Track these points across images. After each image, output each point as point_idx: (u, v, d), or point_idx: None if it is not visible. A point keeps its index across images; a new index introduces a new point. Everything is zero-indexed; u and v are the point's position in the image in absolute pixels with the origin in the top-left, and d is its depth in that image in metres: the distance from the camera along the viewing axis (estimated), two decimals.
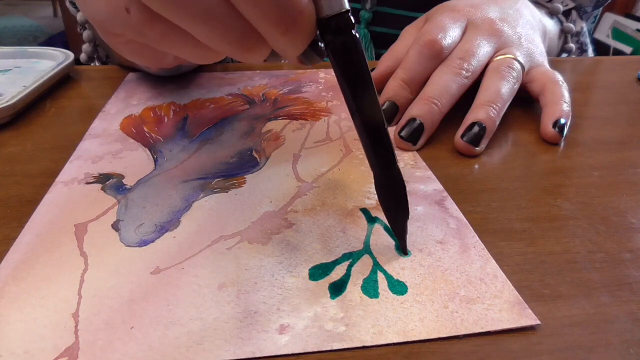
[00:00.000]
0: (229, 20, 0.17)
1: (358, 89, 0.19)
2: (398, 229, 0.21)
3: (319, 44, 0.19)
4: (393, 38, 0.40)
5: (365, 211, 0.24)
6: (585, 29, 0.55)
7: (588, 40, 0.57)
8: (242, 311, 0.18)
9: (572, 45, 0.52)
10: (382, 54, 0.39)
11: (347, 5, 0.18)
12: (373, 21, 0.51)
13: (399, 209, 0.21)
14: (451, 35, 0.34)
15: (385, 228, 0.23)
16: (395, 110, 0.33)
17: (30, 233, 0.22)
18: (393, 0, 0.50)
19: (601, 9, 0.57)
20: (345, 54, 0.18)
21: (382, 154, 0.20)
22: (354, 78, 0.19)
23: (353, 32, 0.18)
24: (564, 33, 0.52)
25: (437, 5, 0.38)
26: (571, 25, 0.52)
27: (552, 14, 0.51)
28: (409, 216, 0.21)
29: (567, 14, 0.52)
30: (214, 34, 0.17)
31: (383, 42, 0.51)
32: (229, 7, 0.17)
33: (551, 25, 0.49)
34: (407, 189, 0.21)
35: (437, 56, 0.33)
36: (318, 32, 0.18)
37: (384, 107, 0.33)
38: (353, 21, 0.18)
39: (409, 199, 0.21)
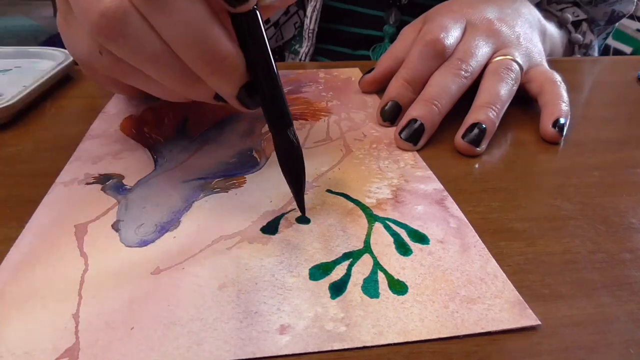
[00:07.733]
0: (171, 62, 0.21)
1: (256, 54, 0.21)
2: (297, 188, 0.23)
3: (253, 90, 0.22)
4: None
5: (365, 210, 0.24)
6: (595, 44, 0.54)
7: (596, 55, 0.56)
8: (243, 311, 0.18)
9: (578, 56, 0.52)
10: None
11: None
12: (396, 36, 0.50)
13: (296, 168, 0.23)
14: (453, 35, 0.34)
15: (386, 227, 0.23)
16: (398, 111, 0.33)
17: (30, 233, 0.22)
18: (417, 12, 0.48)
19: (615, 26, 0.56)
20: (245, 23, 0.21)
21: (276, 117, 0.22)
22: (252, 46, 0.21)
23: (254, 7, 0.21)
24: (571, 43, 0.52)
25: (435, 7, 0.38)
26: (579, 36, 0.51)
27: (561, 23, 0.51)
28: (305, 174, 0.23)
29: (577, 24, 0.52)
30: (161, 73, 0.21)
31: None
32: (171, 52, 0.20)
33: (553, 29, 0.49)
34: (407, 188, 0.21)
35: (440, 55, 0.33)
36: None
37: (387, 107, 0.33)
38: None
39: (409, 197, 0.21)
